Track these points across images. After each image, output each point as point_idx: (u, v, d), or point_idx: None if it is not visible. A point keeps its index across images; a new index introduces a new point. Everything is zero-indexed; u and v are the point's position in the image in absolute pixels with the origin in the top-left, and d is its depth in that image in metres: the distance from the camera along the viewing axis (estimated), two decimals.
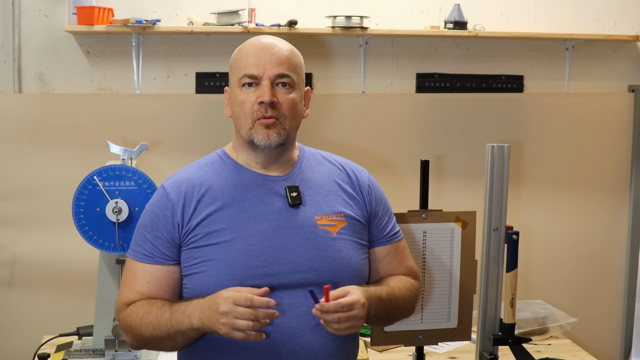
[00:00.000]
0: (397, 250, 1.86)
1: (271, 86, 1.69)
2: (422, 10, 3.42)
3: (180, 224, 1.69)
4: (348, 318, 1.60)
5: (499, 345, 2.12)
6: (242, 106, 1.70)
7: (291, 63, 1.72)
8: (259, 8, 3.19)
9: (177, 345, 1.68)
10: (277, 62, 1.70)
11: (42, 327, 2.99)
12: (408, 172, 3.33)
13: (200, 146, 2.95)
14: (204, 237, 1.68)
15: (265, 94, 1.68)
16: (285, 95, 1.70)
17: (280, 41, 1.76)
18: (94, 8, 3.00)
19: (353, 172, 1.84)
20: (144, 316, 1.66)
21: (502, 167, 2.09)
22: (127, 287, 1.72)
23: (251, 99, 1.69)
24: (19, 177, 3.09)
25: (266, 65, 1.69)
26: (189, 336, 1.63)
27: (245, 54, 1.72)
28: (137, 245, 1.72)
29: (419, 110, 3.39)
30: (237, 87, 1.72)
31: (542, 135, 3.50)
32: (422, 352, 2.26)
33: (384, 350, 2.72)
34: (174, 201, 1.70)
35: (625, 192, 3.62)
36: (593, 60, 3.61)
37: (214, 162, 1.78)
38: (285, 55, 1.72)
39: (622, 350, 3.67)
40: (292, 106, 1.72)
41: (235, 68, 1.74)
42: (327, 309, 1.58)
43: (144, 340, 1.69)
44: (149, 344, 1.70)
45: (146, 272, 1.70)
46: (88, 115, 3.13)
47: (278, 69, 1.69)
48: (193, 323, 1.59)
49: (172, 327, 1.62)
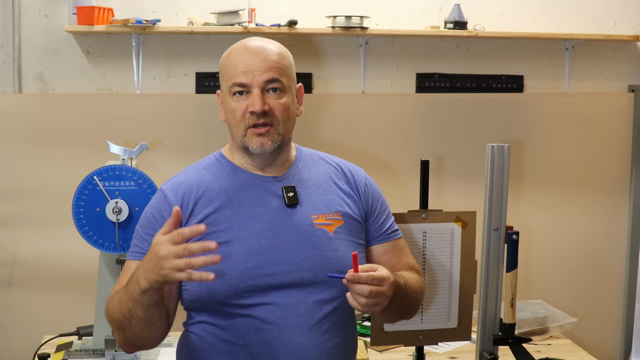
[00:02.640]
0: (395, 247, 1.86)
1: (261, 93, 1.68)
2: (422, 10, 3.42)
3: (178, 225, 1.69)
4: (378, 293, 1.57)
5: (499, 345, 2.12)
6: (233, 114, 1.70)
7: (280, 66, 1.71)
8: (259, 8, 3.19)
9: (141, 321, 1.60)
10: (265, 68, 1.68)
11: (42, 327, 2.99)
12: (408, 172, 3.33)
13: (200, 146, 2.95)
14: (202, 239, 1.67)
15: (256, 104, 1.67)
16: (276, 101, 1.70)
17: (268, 42, 1.74)
18: (94, 8, 3.00)
19: (350, 171, 1.84)
20: (110, 301, 1.64)
21: (502, 167, 2.09)
22: (120, 284, 1.69)
23: (242, 107, 1.69)
24: (19, 177, 3.09)
25: (255, 73, 1.68)
26: (144, 303, 1.56)
27: (233, 61, 1.71)
28: (135, 245, 1.73)
29: (419, 110, 3.39)
30: (228, 95, 1.72)
31: (542, 135, 3.50)
32: (422, 352, 2.26)
33: (384, 350, 2.72)
34: (172, 203, 1.70)
35: (625, 192, 3.62)
36: (593, 60, 3.61)
37: (211, 164, 1.79)
38: (274, 60, 1.70)
39: (622, 350, 3.67)
40: (285, 110, 1.71)
41: (225, 76, 1.73)
42: (360, 278, 1.55)
43: (116, 325, 1.63)
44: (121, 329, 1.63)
45: None
46: (88, 115, 3.13)
47: (267, 75, 1.68)
48: (140, 285, 1.53)
49: (129, 299, 1.57)
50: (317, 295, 1.69)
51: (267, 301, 1.66)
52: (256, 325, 1.66)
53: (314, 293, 1.69)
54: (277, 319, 1.65)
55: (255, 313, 1.66)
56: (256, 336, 1.66)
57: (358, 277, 1.55)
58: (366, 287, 1.55)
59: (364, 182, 1.84)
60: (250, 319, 1.66)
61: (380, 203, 1.85)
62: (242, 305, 1.66)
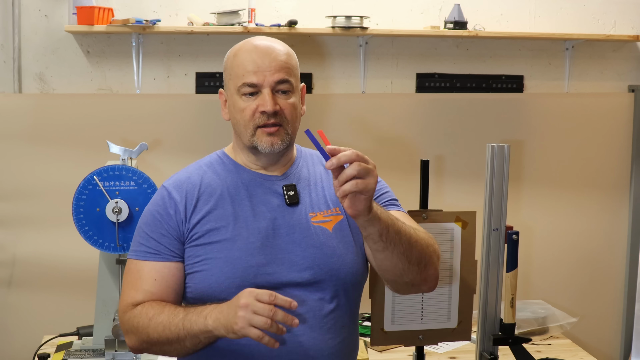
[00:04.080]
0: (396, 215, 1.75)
1: (272, 93, 1.68)
2: (422, 10, 3.42)
3: (183, 221, 1.69)
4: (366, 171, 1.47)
5: (499, 345, 2.12)
6: (242, 114, 1.70)
7: (289, 67, 1.71)
8: (259, 8, 3.19)
9: (184, 350, 1.64)
10: (276, 68, 1.68)
11: (42, 327, 2.99)
12: (408, 172, 3.32)
13: (200, 146, 2.95)
14: (205, 235, 1.68)
15: (268, 104, 1.66)
16: (286, 101, 1.70)
17: (276, 42, 1.74)
18: (94, 8, 3.00)
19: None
20: (154, 316, 1.63)
21: (502, 167, 2.09)
22: (133, 287, 1.69)
23: (252, 107, 1.68)
24: (19, 177, 3.09)
25: (265, 73, 1.68)
26: (199, 340, 1.59)
27: (243, 60, 1.70)
28: (140, 245, 1.71)
29: (419, 110, 3.39)
30: (236, 94, 1.71)
31: (542, 135, 3.50)
32: (422, 352, 2.26)
33: (384, 350, 2.72)
34: (176, 199, 1.71)
35: (625, 192, 3.62)
36: (593, 60, 3.61)
37: (214, 162, 1.79)
38: (284, 60, 1.70)
39: (622, 350, 3.67)
40: (293, 110, 1.71)
41: (233, 75, 1.72)
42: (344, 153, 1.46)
43: (150, 342, 1.65)
44: (153, 346, 1.66)
45: (153, 270, 1.68)
46: (88, 115, 3.13)
47: (278, 75, 1.68)
48: (208, 323, 1.55)
49: (183, 328, 1.59)
50: (318, 294, 1.69)
51: None
52: None
53: (315, 292, 1.69)
54: None
55: None
56: None
57: (342, 152, 1.46)
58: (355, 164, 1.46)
59: None
60: None
61: None
62: None
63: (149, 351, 1.70)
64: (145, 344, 1.67)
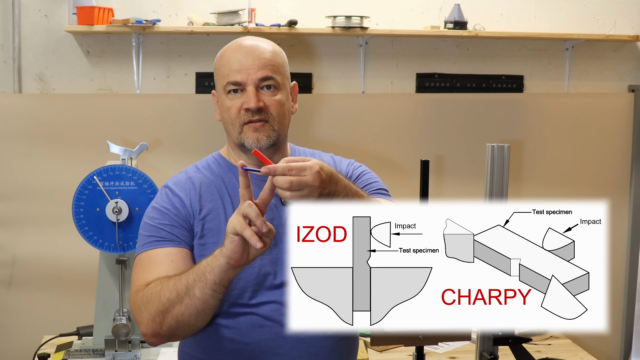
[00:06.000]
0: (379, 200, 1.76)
1: (256, 91, 1.69)
2: (422, 10, 3.42)
3: (191, 214, 1.69)
4: (300, 184, 1.44)
5: (499, 345, 2.12)
6: (228, 112, 1.71)
7: (274, 64, 1.71)
8: (259, 8, 3.19)
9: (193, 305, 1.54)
10: (259, 65, 1.69)
11: (42, 327, 2.98)
12: (408, 172, 3.33)
13: (200, 146, 2.95)
14: (205, 236, 1.69)
15: (251, 101, 1.67)
16: (271, 98, 1.70)
17: (262, 41, 1.75)
18: (94, 8, 3.00)
19: (333, 160, 1.84)
20: (167, 280, 1.58)
21: (502, 167, 2.09)
22: (146, 271, 1.64)
23: (237, 105, 1.69)
24: (19, 177, 3.09)
25: (249, 70, 1.69)
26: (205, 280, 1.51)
27: (227, 60, 1.72)
28: (149, 237, 1.68)
29: (419, 110, 3.39)
30: (223, 93, 1.72)
31: (542, 135, 3.50)
32: (422, 352, 2.26)
33: (384, 350, 2.72)
34: (181, 196, 1.71)
35: (625, 192, 3.62)
36: (593, 60, 3.61)
37: (210, 164, 1.80)
38: (268, 58, 1.71)
39: (622, 350, 3.67)
40: (279, 107, 1.72)
41: (219, 75, 1.74)
42: (275, 170, 1.44)
43: (162, 309, 1.56)
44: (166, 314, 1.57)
45: (169, 254, 1.65)
46: (88, 115, 3.13)
47: (261, 73, 1.69)
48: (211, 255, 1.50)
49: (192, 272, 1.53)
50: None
51: (270, 299, 1.67)
52: (259, 323, 1.67)
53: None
54: (280, 317, 1.65)
55: (259, 311, 1.67)
56: (259, 334, 1.66)
57: (274, 168, 1.44)
58: (285, 178, 1.44)
59: (347, 162, 1.84)
60: (254, 317, 1.67)
61: (360, 170, 1.83)
62: (245, 304, 1.67)
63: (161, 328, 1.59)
64: (159, 315, 1.57)
